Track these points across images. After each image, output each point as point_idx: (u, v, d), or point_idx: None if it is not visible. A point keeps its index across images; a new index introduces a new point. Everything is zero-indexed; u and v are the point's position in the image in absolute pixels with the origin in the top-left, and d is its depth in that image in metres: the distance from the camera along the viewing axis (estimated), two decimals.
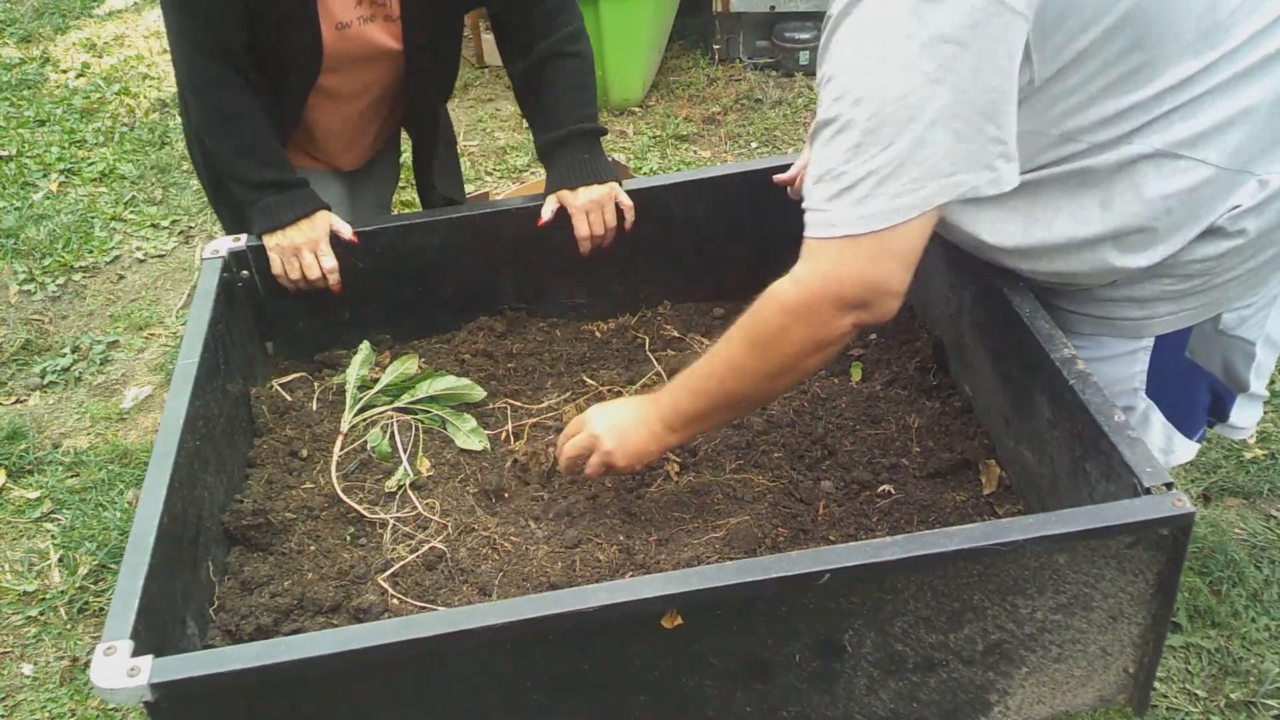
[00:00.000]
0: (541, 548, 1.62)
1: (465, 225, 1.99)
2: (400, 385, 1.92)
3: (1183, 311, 1.55)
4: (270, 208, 1.91)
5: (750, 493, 1.67)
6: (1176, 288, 1.51)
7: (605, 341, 2.07)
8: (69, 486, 2.78)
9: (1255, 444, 2.59)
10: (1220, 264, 1.48)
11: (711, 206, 2.04)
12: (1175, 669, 2.13)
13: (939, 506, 1.63)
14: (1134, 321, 1.58)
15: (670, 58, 4.75)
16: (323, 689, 1.25)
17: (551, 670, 1.28)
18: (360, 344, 1.99)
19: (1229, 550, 2.31)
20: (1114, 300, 1.56)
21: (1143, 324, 1.58)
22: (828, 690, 1.34)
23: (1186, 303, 1.54)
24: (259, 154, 1.93)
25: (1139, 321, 1.58)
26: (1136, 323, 1.58)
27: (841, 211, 1.30)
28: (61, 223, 3.87)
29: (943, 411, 1.81)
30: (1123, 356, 1.62)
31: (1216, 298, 1.53)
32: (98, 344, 3.32)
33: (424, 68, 2.06)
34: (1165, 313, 1.56)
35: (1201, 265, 1.48)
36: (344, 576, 1.60)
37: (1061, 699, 1.41)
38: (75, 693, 2.27)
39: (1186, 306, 1.54)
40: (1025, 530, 1.25)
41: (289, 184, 1.94)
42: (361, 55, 1.97)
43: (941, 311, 1.90)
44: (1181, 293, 1.52)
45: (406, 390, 1.90)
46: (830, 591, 1.26)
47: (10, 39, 5.33)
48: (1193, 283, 1.51)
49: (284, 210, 1.91)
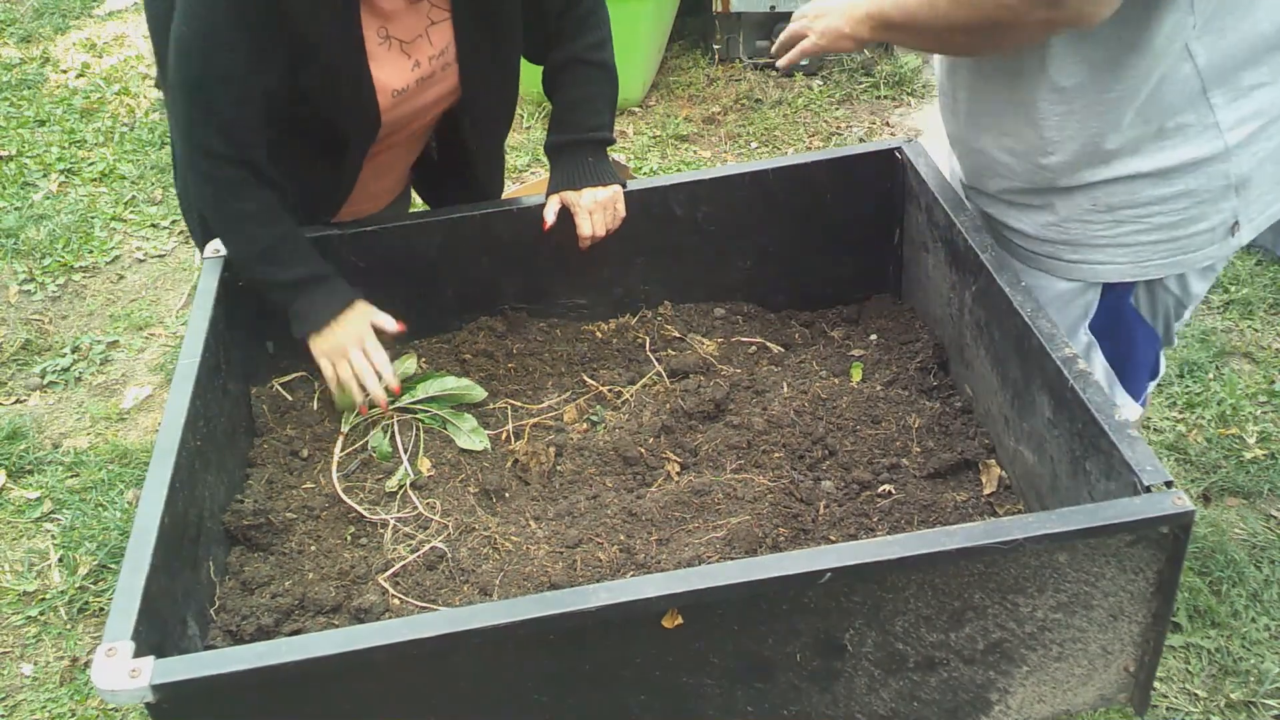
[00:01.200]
0: (542, 548, 1.62)
1: (466, 225, 1.99)
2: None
3: (1124, 263, 1.67)
4: (306, 311, 1.82)
5: (751, 492, 1.67)
6: (1120, 227, 1.63)
7: (605, 341, 2.07)
8: (69, 486, 2.78)
9: (1255, 444, 2.60)
10: (1165, 209, 1.60)
11: (711, 206, 2.04)
12: (1175, 669, 2.13)
13: (939, 506, 1.63)
14: (1081, 264, 1.70)
15: (670, 58, 4.75)
16: (324, 689, 1.25)
17: (552, 670, 1.28)
18: None
19: (1229, 550, 2.31)
20: (1068, 241, 1.69)
21: (1088, 268, 1.70)
22: (828, 689, 1.34)
23: (1123, 251, 1.66)
24: (282, 253, 1.82)
25: (1090, 265, 1.70)
26: (1089, 266, 1.70)
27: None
28: (61, 223, 3.87)
29: (943, 411, 1.81)
30: (1071, 295, 1.74)
31: (1160, 250, 1.64)
32: (98, 344, 3.32)
33: (484, 108, 1.99)
34: (1111, 258, 1.67)
35: (1150, 206, 1.60)
36: (345, 576, 1.60)
37: (1062, 698, 1.41)
38: (75, 693, 2.27)
39: (1124, 255, 1.66)
40: (1026, 529, 1.25)
41: (320, 278, 1.84)
42: (420, 112, 1.90)
43: (942, 311, 1.90)
44: (1131, 235, 1.64)
45: (407, 390, 1.90)
46: (831, 590, 1.26)
47: (10, 39, 5.33)
48: (1136, 225, 1.62)
49: (321, 309, 1.82)
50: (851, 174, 2.00)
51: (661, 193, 2.03)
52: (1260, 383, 2.80)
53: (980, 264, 1.69)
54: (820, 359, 2.00)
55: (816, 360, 2.00)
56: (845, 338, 2.06)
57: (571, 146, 1.98)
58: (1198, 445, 2.61)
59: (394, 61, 1.78)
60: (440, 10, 1.81)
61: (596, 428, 1.90)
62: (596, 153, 1.98)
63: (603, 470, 1.79)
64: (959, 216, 1.78)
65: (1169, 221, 1.61)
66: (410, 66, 1.81)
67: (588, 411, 1.94)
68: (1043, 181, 1.66)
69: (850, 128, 4.25)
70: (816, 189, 2.02)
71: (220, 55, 1.67)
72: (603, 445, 1.82)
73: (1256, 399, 2.75)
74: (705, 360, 1.99)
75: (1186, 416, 2.70)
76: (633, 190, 2.00)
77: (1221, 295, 3.11)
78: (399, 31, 1.77)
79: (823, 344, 2.06)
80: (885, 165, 2.00)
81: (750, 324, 2.11)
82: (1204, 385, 2.78)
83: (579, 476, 1.78)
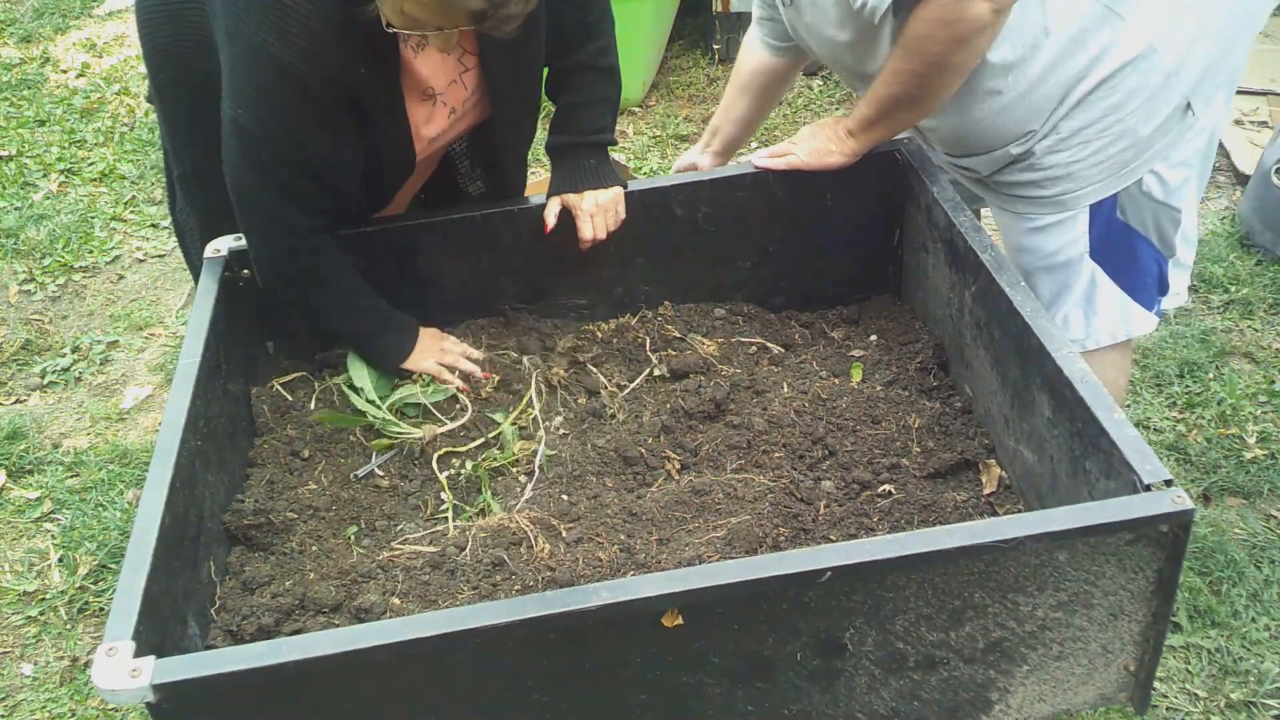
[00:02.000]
0: (542, 547, 1.62)
1: (466, 225, 2.00)
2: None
3: (1100, 180, 1.81)
4: (390, 349, 1.92)
5: (751, 492, 1.67)
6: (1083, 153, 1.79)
7: (605, 341, 2.07)
8: (69, 486, 2.78)
9: (1255, 444, 2.60)
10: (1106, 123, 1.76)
11: (711, 207, 2.04)
12: (1175, 669, 2.13)
13: (939, 506, 1.63)
14: (1060, 196, 1.84)
15: (670, 58, 4.75)
16: (324, 689, 1.25)
17: (552, 670, 1.28)
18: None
19: (1229, 550, 2.31)
20: (1035, 178, 1.85)
21: (1070, 196, 1.83)
22: (829, 689, 1.34)
23: (1098, 169, 1.80)
24: (355, 302, 1.90)
25: (1068, 195, 1.84)
26: (1064, 196, 1.84)
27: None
28: (61, 223, 3.87)
29: (943, 411, 1.81)
30: (1058, 225, 1.86)
31: (1119, 159, 1.80)
32: (98, 344, 3.32)
33: (512, 124, 2.01)
34: (1089, 180, 1.81)
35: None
36: (345, 576, 1.60)
37: (1062, 697, 1.41)
38: (75, 693, 2.27)
39: (1099, 173, 1.81)
40: (1025, 527, 1.25)
41: (391, 322, 1.93)
42: (449, 142, 1.97)
43: (942, 312, 1.90)
44: (1092, 156, 1.79)
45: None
46: (831, 590, 1.26)
47: (10, 39, 5.33)
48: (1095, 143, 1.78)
49: (405, 342, 1.93)
50: (851, 174, 2.00)
51: (662, 193, 2.03)
52: (1260, 383, 2.80)
53: (980, 264, 1.69)
54: (820, 359, 2.00)
55: (816, 360, 2.00)
56: (845, 338, 2.06)
57: (573, 148, 1.98)
58: (1198, 445, 2.61)
59: (430, 112, 1.82)
60: (471, 56, 1.83)
61: (600, 419, 1.90)
62: (598, 155, 1.98)
63: (603, 470, 1.79)
64: (959, 216, 1.78)
65: (1127, 127, 1.75)
66: (447, 114, 1.85)
67: (588, 411, 1.94)
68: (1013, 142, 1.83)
69: None
70: (816, 189, 2.02)
71: (302, 142, 1.69)
72: (603, 445, 1.82)
73: (1256, 399, 2.75)
74: (705, 360, 1.99)
75: (1186, 416, 2.70)
76: (633, 191, 2.00)
77: (1221, 295, 3.11)
78: (435, 84, 1.80)
79: (823, 344, 2.06)
80: (885, 165, 2.00)
81: (750, 324, 2.11)
82: (1204, 385, 2.78)
83: (579, 476, 1.78)
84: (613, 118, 2.02)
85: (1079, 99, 1.76)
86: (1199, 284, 3.15)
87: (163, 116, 1.97)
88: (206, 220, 1.99)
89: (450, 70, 1.81)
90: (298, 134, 1.68)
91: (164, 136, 2.01)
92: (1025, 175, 1.85)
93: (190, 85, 1.85)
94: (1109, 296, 1.90)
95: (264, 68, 1.60)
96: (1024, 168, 1.84)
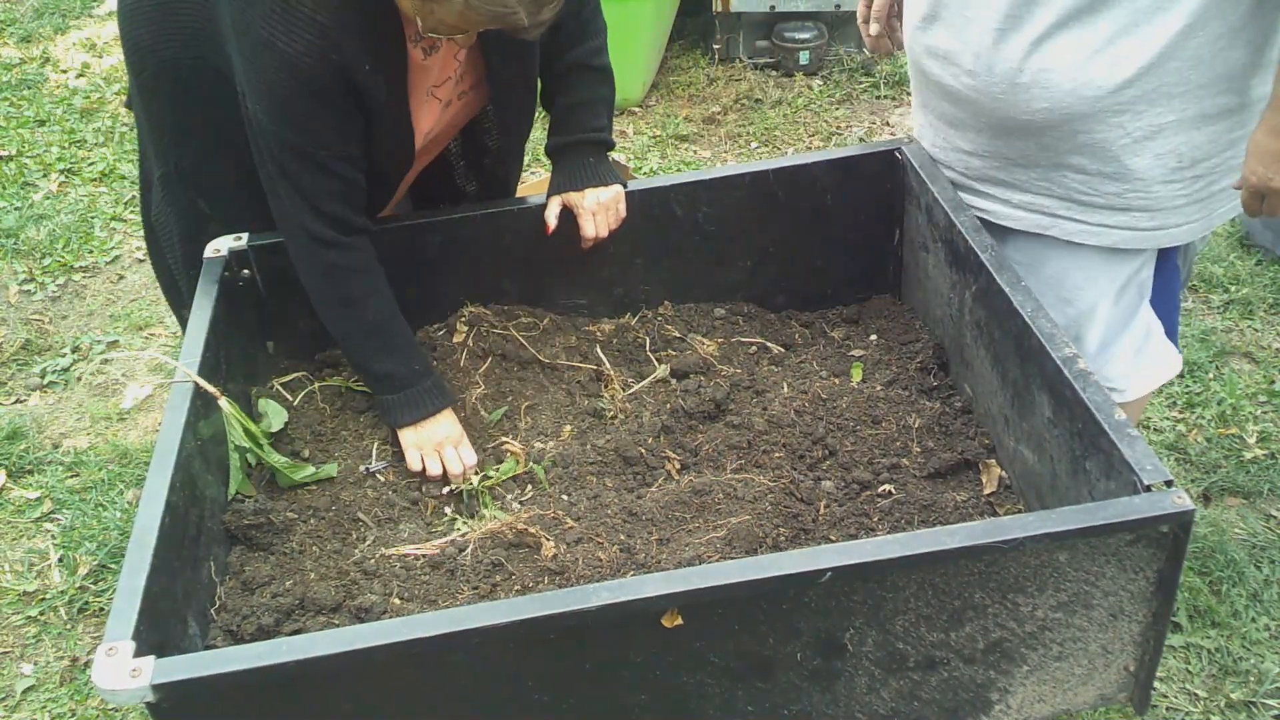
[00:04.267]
0: (542, 547, 1.62)
1: (465, 225, 1.99)
2: None
3: (1191, 222, 1.69)
4: (408, 401, 1.81)
5: (751, 492, 1.67)
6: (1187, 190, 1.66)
7: (605, 341, 2.07)
8: (69, 486, 2.77)
9: (1255, 444, 2.60)
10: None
11: (711, 206, 2.04)
12: (1175, 669, 2.13)
13: (939, 506, 1.63)
14: (1156, 231, 1.70)
15: (670, 58, 4.74)
16: (324, 689, 1.25)
17: (552, 669, 1.28)
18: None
19: (1229, 550, 2.31)
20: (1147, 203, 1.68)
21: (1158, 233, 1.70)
22: (829, 689, 1.34)
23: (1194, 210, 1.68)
24: (385, 338, 1.82)
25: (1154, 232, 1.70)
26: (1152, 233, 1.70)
27: None
28: (61, 223, 3.87)
29: (943, 411, 1.81)
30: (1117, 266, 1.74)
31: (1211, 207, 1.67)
32: (98, 344, 3.32)
33: (508, 118, 2.00)
34: (1180, 221, 1.69)
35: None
36: (345, 576, 1.60)
37: (1062, 697, 1.41)
38: (75, 693, 2.27)
39: (1193, 215, 1.69)
40: (1026, 528, 1.25)
41: (425, 374, 1.84)
42: (446, 137, 1.94)
43: (942, 312, 1.90)
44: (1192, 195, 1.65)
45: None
46: (831, 590, 1.26)
47: (10, 39, 5.32)
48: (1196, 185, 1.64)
49: (426, 402, 1.81)
50: (851, 174, 2.00)
51: (661, 193, 2.03)
52: (1260, 383, 2.80)
53: (980, 264, 1.69)
54: (820, 359, 2.00)
55: (816, 360, 2.00)
56: (845, 338, 2.06)
57: (573, 147, 1.98)
58: (1198, 445, 2.61)
59: (429, 107, 1.81)
60: (462, 50, 1.82)
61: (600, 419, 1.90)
62: (597, 154, 1.98)
63: (603, 470, 1.79)
64: (959, 216, 1.78)
65: (1236, 164, 1.62)
66: (440, 109, 1.83)
67: (588, 411, 1.94)
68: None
69: (850, 128, 4.25)
70: (816, 189, 2.02)
71: (312, 137, 1.67)
72: (603, 445, 1.82)
73: (1256, 399, 2.75)
74: (705, 360, 1.99)
75: (1186, 416, 2.70)
76: (633, 190, 2.00)
77: (1221, 295, 3.11)
78: (435, 80, 1.79)
79: (823, 344, 2.06)
80: (885, 165, 2.00)
81: (750, 324, 2.11)
82: (1204, 385, 2.78)
83: (579, 476, 1.78)
84: (609, 119, 2.02)
85: (1216, 111, 1.63)
86: (1199, 284, 3.15)
87: (145, 116, 1.94)
88: (188, 221, 1.97)
89: (448, 64, 1.80)
90: (308, 129, 1.67)
91: (144, 138, 1.99)
92: (1125, 199, 1.71)
93: (176, 78, 1.83)
94: (1159, 345, 1.82)
95: (272, 63, 1.60)
96: (1123, 191, 1.71)
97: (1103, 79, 1.59)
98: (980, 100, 1.71)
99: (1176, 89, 1.59)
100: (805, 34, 4.51)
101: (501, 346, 2.02)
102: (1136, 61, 1.57)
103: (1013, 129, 1.71)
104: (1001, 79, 1.66)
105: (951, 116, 1.81)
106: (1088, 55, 1.59)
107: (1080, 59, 1.59)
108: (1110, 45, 1.58)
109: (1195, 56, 1.57)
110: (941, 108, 1.82)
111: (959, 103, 1.76)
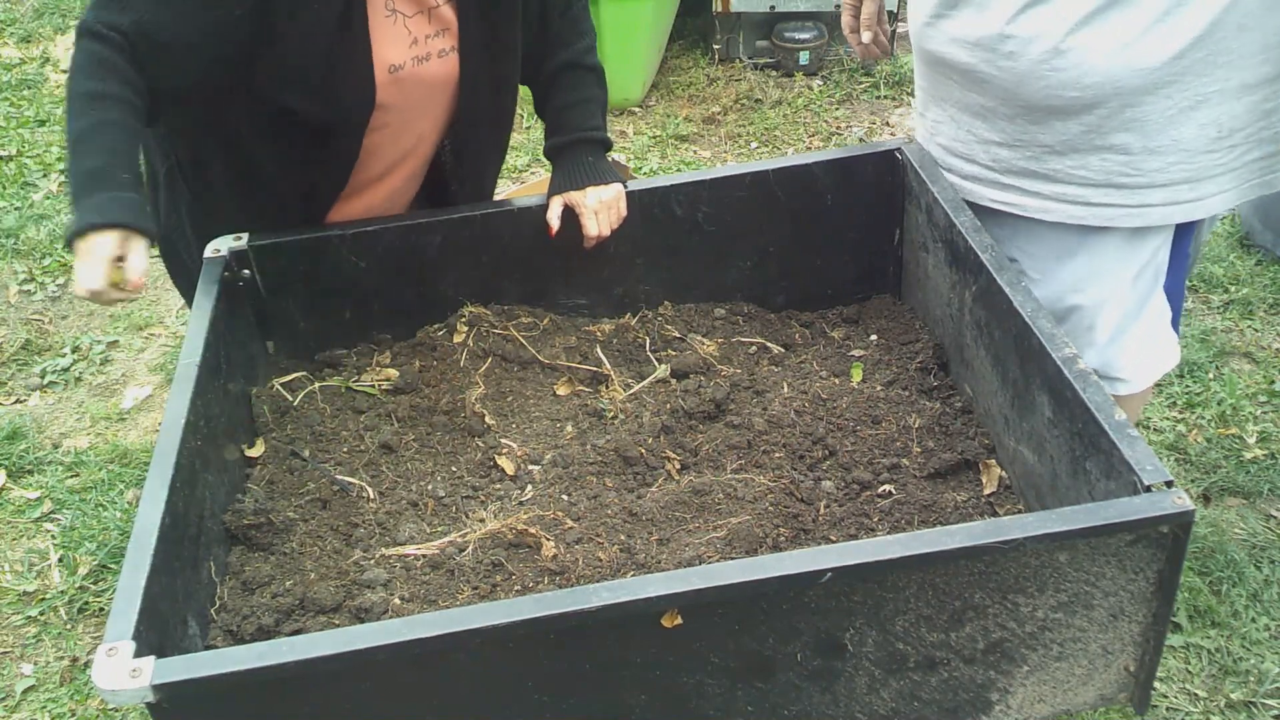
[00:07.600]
0: (542, 547, 1.62)
1: (465, 225, 2.00)
2: None
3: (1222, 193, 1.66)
4: (82, 211, 1.59)
5: (751, 493, 1.67)
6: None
7: (605, 342, 2.07)
8: (69, 486, 2.78)
9: (1255, 444, 2.60)
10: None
11: (711, 206, 2.04)
12: (1175, 669, 2.13)
13: (939, 506, 1.63)
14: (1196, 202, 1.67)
15: (670, 58, 4.75)
16: (325, 689, 1.25)
17: (552, 670, 1.28)
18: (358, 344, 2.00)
19: (1229, 550, 2.31)
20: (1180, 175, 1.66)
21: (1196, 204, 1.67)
22: (829, 689, 1.34)
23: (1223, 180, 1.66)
24: (90, 141, 1.60)
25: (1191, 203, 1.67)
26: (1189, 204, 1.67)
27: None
28: (61, 223, 3.87)
29: (943, 411, 1.81)
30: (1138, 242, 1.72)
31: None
32: (98, 344, 3.32)
33: (481, 109, 1.94)
34: (1230, 185, 1.66)
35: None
36: (345, 576, 1.60)
37: (1062, 698, 1.41)
38: (75, 693, 2.27)
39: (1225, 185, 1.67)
40: (1026, 528, 1.25)
41: (105, 180, 1.59)
42: (415, 102, 1.85)
43: (942, 312, 1.90)
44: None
45: None
46: (831, 590, 1.26)
47: (10, 39, 5.33)
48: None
49: (93, 213, 1.57)
50: (851, 174, 2.00)
51: (661, 193, 2.03)
52: (1260, 383, 2.80)
53: (980, 264, 1.69)
54: (820, 359, 2.00)
55: (816, 360, 2.00)
56: (845, 338, 2.06)
57: (572, 146, 1.98)
58: (1198, 445, 2.61)
59: (394, 34, 1.74)
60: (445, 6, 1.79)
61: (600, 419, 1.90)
62: (596, 152, 1.99)
63: (603, 470, 1.79)
64: (959, 216, 1.78)
65: (1266, 135, 1.62)
66: (409, 42, 1.76)
67: (588, 411, 1.94)
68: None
69: (850, 128, 4.26)
70: (816, 189, 2.02)
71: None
72: (603, 445, 1.82)
73: (1256, 399, 2.75)
74: (705, 360, 1.99)
75: (1186, 416, 2.70)
76: (633, 190, 2.00)
77: (1221, 295, 3.11)
78: (402, 5, 1.73)
79: (823, 344, 2.06)
80: (885, 165, 2.00)
81: (750, 324, 2.11)
82: (1204, 385, 2.78)
83: (579, 476, 1.78)
84: (604, 118, 2.02)
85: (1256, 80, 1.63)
86: (1199, 284, 3.15)
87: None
88: (194, 211, 1.94)
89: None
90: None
91: (146, 135, 1.95)
92: (1170, 172, 1.71)
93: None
94: (1164, 331, 1.82)
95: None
96: (1170, 164, 1.71)
97: (1157, 51, 1.57)
98: (1016, 83, 1.67)
99: (1222, 57, 1.58)
100: (805, 34, 4.52)
101: (501, 347, 2.02)
102: (1189, 32, 1.56)
103: (1052, 111, 1.67)
104: (1042, 58, 1.62)
105: (978, 106, 1.77)
106: (1141, 30, 1.57)
107: (1132, 34, 1.57)
108: (1165, 18, 1.56)
109: (1240, 24, 1.56)
110: (967, 99, 1.78)
111: (989, 90, 1.72)
